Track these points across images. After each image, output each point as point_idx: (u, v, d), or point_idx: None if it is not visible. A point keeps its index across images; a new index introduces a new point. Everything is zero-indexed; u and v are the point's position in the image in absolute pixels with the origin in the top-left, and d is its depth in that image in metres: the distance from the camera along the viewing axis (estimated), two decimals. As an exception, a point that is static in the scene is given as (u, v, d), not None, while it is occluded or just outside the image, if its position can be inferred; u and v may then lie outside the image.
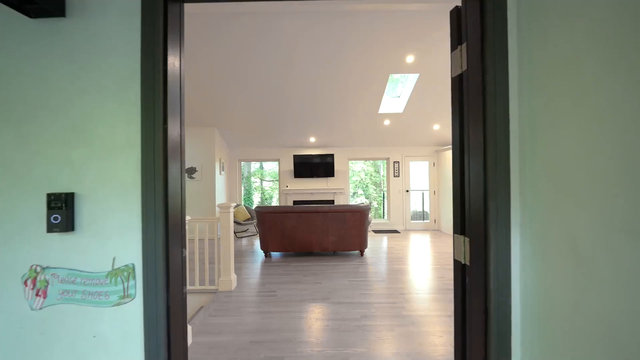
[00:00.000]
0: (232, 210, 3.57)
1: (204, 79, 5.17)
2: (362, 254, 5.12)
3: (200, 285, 3.64)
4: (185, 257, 1.05)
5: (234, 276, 3.68)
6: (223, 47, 4.50)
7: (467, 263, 1.07)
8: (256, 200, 13.35)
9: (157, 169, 0.92)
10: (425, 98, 5.84)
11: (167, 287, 0.95)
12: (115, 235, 0.96)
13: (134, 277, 0.95)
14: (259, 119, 6.49)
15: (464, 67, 1.08)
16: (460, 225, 1.12)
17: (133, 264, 0.95)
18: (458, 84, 1.15)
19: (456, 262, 1.16)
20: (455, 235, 1.15)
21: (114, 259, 0.95)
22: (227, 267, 3.56)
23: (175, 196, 1.00)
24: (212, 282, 3.75)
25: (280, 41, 4.47)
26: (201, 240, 5.80)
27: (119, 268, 0.95)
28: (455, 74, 1.17)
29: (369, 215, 5.11)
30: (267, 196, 13.50)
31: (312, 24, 4.16)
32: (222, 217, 3.52)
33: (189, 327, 2.47)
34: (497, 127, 0.94)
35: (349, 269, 4.35)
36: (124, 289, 0.94)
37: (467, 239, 1.07)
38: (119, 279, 0.94)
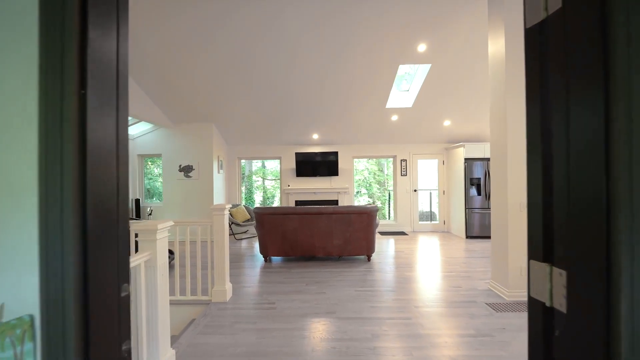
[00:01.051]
0: (226, 212, 3.21)
1: (200, 72, 4.81)
2: (369, 259, 4.75)
3: (192, 295, 3.29)
4: (126, 295, 0.69)
5: (229, 285, 3.32)
6: (220, 37, 4.14)
7: (560, 308, 0.70)
8: (258, 200, 13.00)
9: (65, 158, 0.55)
10: (437, 91, 5.45)
11: (86, 349, 0.59)
12: (4, 268, 0.60)
13: (33, 337, 0.59)
14: (259, 115, 6.13)
15: (557, 5, 0.70)
16: (544, 249, 0.74)
17: (31, 316, 0.59)
18: (538, 38, 0.77)
19: (534, 302, 0.78)
20: (533, 262, 0.78)
21: (1, 307, 0.60)
22: (222, 275, 3.21)
23: (106, 203, 0.63)
24: (205, 291, 3.39)
25: (282, 31, 4.10)
26: (194, 243, 5.47)
27: (8, 323, 0.59)
28: (532, 23, 0.79)
29: (377, 217, 4.74)
30: (269, 195, 13.16)
31: (316, 12, 3.80)
32: (216, 221, 3.16)
33: (173, 351, 2.12)
34: (632, 97, 0.56)
35: (355, 277, 3.98)
36: (15, 355, 0.59)
37: (560, 272, 0.70)
38: (7, 340, 0.58)
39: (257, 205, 12.22)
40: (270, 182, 13.36)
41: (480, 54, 4.48)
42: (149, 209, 6.32)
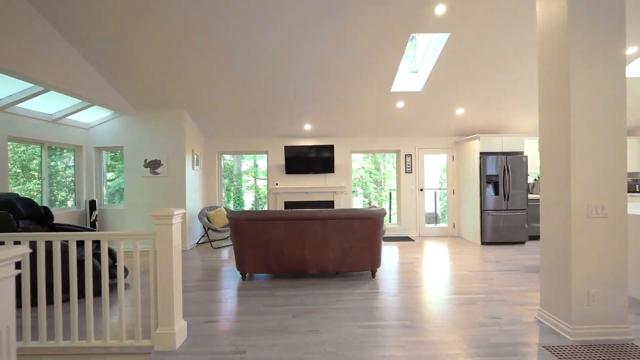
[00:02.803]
0: (176, 220, 2.23)
1: (169, 48, 3.79)
2: (373, 276, 3.81)
3: (128, 339, 2.30)
4: None
5: (181, 324, 2.34)
6: (195, 6, 3.15)
7: None
8: (249, 201, 11.95)
9: None
10: (453, 70, 4.53)
11: None
12: None
13: None
14: (242, 102, 5.13)
15: None
16: None
17: None
18: None
19: None
20: None
21: None
22: (169, 312, 2.22)
23: None
24: (147, 332, 2.41)
25: (269, 4, 3.15)
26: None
27: None
28: None
29: (384, 223, 3.80)
30: (261, 195, 12.12)
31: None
32: (160, 233, 2.18)
33: None
34: None
35: (358, 302, 3.03)
36: None
37: None
38: None
39: (247, 207, 11.22)
40: (262, 182, 12.33)
41: (516, 18, 3.58)
42: (93, 215, 5.22)
